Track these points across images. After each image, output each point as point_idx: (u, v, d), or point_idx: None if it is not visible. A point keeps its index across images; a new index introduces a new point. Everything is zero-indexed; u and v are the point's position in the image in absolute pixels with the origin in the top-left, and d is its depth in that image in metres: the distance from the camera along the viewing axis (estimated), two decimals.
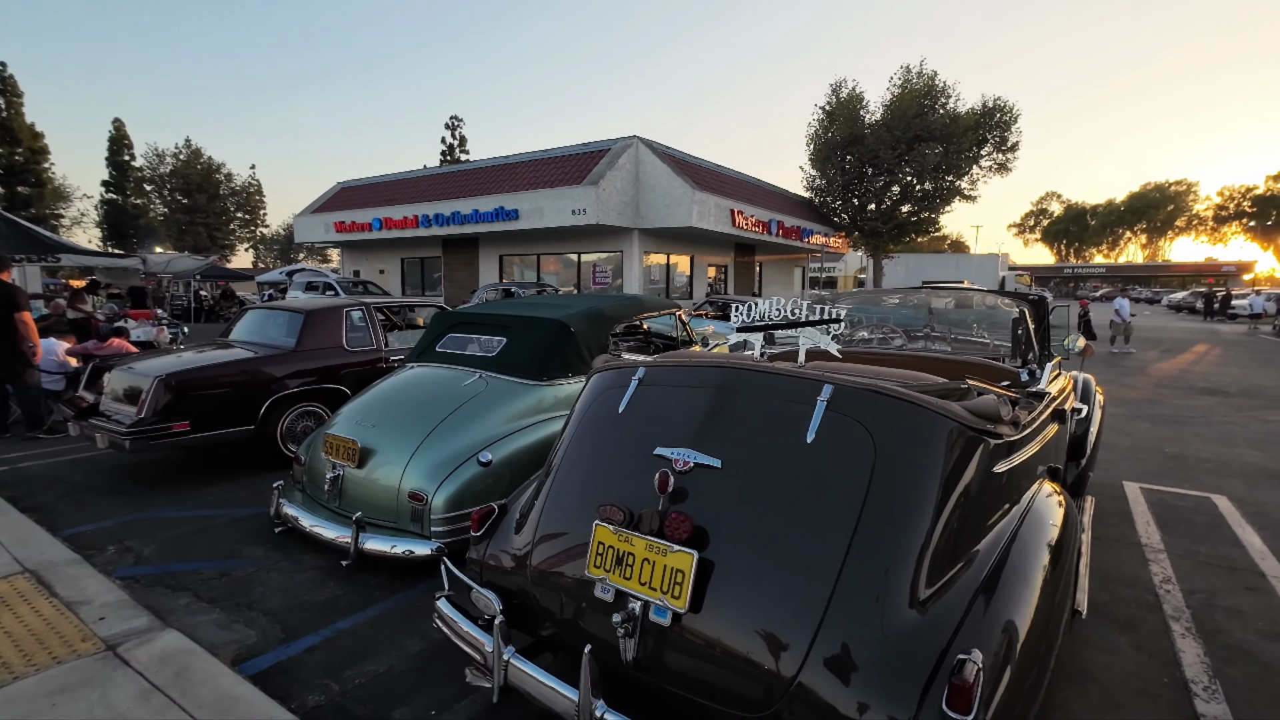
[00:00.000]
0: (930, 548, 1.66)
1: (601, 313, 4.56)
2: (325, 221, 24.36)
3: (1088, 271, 75.08)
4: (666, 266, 21.11)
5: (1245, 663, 2.77)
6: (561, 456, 2.28)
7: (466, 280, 22.46)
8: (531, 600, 2.08)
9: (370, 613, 3.12)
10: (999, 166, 25.56)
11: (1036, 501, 2.15)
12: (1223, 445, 6.49)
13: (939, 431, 1.79)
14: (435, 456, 3.47)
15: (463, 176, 22.33)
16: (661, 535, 1.80)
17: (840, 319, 2.46)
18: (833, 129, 25.57)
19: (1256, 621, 3.11)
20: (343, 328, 5.79)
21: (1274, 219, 62.71)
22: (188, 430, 4.80)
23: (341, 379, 5.62)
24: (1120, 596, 3.34)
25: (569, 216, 17.38)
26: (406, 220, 21.45)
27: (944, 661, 1.48)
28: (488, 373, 4.05)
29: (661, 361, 2.30)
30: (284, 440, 5.32)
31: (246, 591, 3.33)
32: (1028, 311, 3.75)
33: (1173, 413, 8.12)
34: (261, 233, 57.82)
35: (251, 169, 61.99)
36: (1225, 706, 2.47)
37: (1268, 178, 64.12)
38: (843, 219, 26.90)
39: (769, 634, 1.63)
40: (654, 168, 18.12)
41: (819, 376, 1.93)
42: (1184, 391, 9.79)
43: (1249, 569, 3.68)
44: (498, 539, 2.26)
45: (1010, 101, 24.82)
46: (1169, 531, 4.21)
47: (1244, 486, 5.14)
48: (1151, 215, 78.90)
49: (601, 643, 1.85)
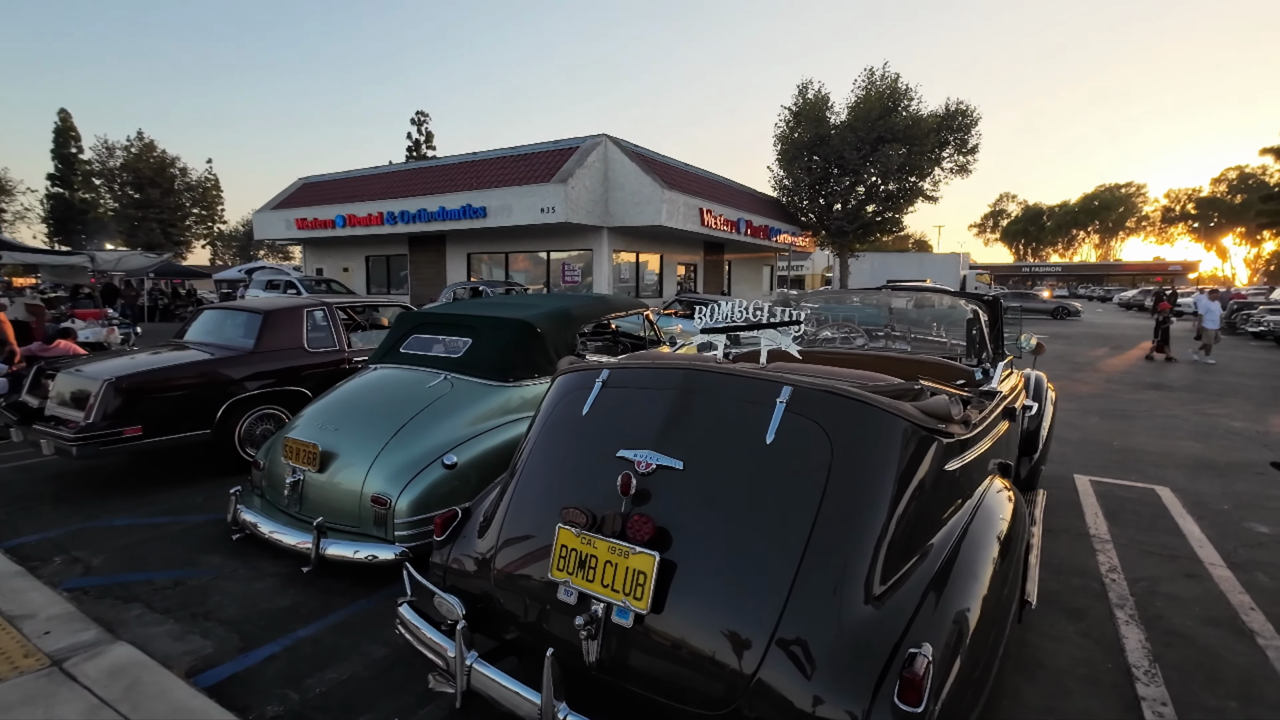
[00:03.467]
0: (885, 544, 1.71)
1: (568, 313, 4.56)
2: (286, 218, 23.74)
3: (1045, 270, 77.47)
4: (636, 265, 21.14)
5: (1183, 647, 2.92)
6: (525, 459, 2.28)
7: (434, 279, 22.15)
8: (495, 604, 2.08)
9: (332, 619, 3.07)
10: (960, 168, 26.24)
11: (987, 497, 2.22)
12: (1166, 438, 6.78)
13: (893, 431, 1.84)
14: (399, 459, 3.43)
15: (429, 173, 22.00)
16: (624, 537, 1.82)
17: (800, 321, 2.51)
18: (799, 129, 25.93)
19: (1194, 607, 3.27)
20: (304, 328, 5.66)
21: (1215, 220, 65.76)
22: (140, 435, 4.65)
23: (303, 381, 5.50)
24: (1069, 586, 3.47)
25: (538, 214, 17.28)
26: (371, 217, 21.05)
27: (897, 655, 1.53)
28: (453, 374, 4.01)
29: (625, 363, 2.31)
30: (242, 444, 5.19)
31: (202, 601, 3.24)
32: (982, 312, 3.87)
33: (1121, 407, 8.46)
34: (219, 229, 56.09)
35: (208, 163, 59.88)
36: (1163, 689, 2.59)
37: (1211, 180, 67.23)
38: (810, 218, 27.30)
39: (729, 632, 1.66)
40: (623, 166, 18.12)
41: (778, 378, 1.96)
42: (1132, 386, 10.20)
43: (1188, 557, 3.87)
44: (461, 543, 2.25)
45: (970, 105, 25.51)
46: (1115, 522, 4.40)
47: (1185, 478, 5.39)
48: (1104, 216, 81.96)
49: (565, 645, 1.86)
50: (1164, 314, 14.42)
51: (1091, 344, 17.32)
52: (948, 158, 26.09)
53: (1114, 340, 18.65)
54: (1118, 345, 17.19)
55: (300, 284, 18.43)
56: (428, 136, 49.61)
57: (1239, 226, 59.34)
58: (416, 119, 49.35)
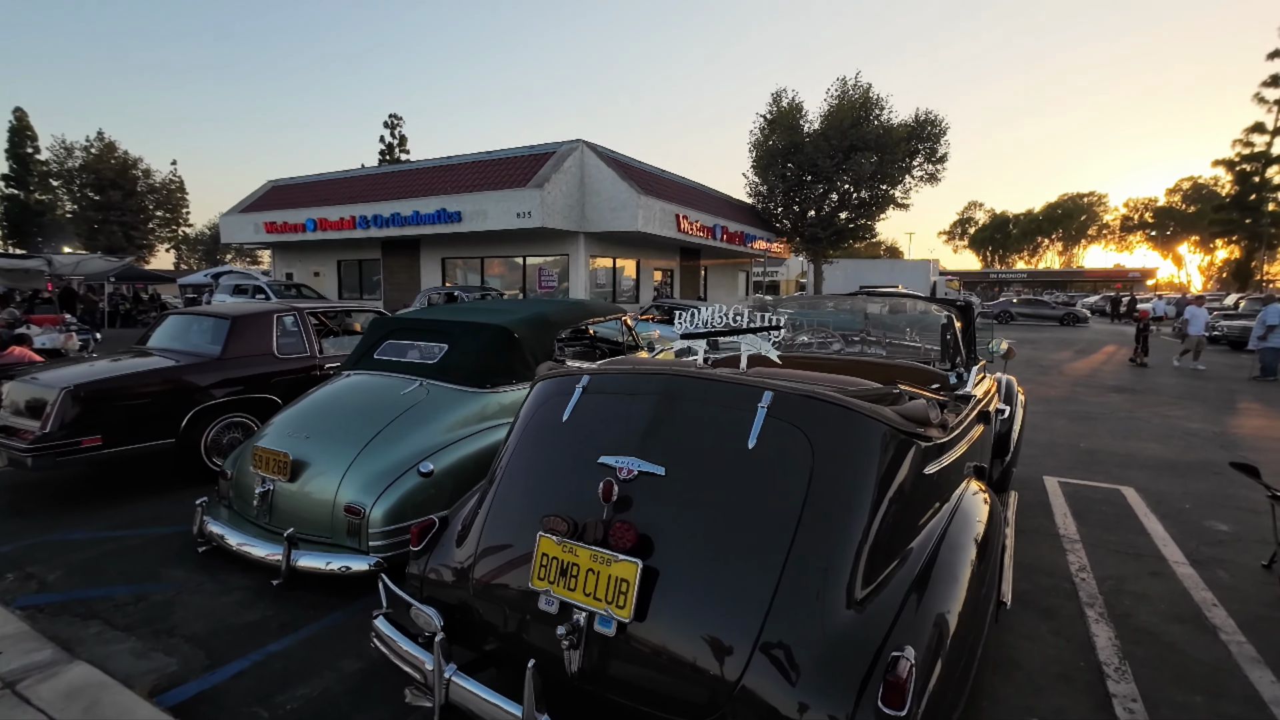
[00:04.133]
0: (866, 548, 1.72)
1: (546, 318, 4.53)
2: (254, 221, 23.23)
3: (1011, 276, 79.39)
4: (613, 270, 21.13)
5: (1150, 643, 2.99)
6: (504, 466, 2.24)
7: (408, 284, 21.86)
8: (474, 615, 2.04)
9: (303, 633, 2.99)
10: (929, 176, 26.79)
11: (964, 500, 2.25)
12: (1130, 439, 6.98)
13: (873, 436, 1.86)
14: (373, 467, 3.36)
15: (403, 177, 21.73)
16: (606, 545, 1.80)
17: (780, 325, 2.52)
18: (774, 137, 26.24)
19: (1160, 604, 3.36)
20: (273, 333, 5.53)
21: (1172, 229, 68.26)
22: (100, 445, 4.48)
23: (272, 388, 5.37)
24: (1041, 585, 3.54)
25: (514, 219, 17.17)
26: (343, 221, 20.70)
27: (880, 659, 1.54)
28: (429, 380, 3.95)
29: (605, 369, 2.30)
30: (209, 453, 5.04)
31: (166, 616, 3.13)
32: (955, 316, 3.94)
33: (1086, 410, 8.69)
34: (184, 232, 54.61)
35: (173, 165, 58.13)
36: (1133, 686, 2.65)
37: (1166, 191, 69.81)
38: (784, 225, 27.60)
39: (713, 639, 1.65)
40: (599, 171, 18.12)
41: (759, 383, 1.97)
42: (1096, 390, 10.49)
43: (1153, 555, 3.97)
44: (438, 553, 2.21)
45: (939, 115, 26.09)
46: (1083, 522, 4.50)
47: (1148, 478, 5.55)
48: (1067, 224, 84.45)
49: (546, 655, 1.83)
50: (1144, 321, 14.60)
51: (1056, 348, 17.78)
52: (918, 166, 26.63)
53: (1077, 344, 19.17)
54: (1081, 349, 17.68)
55: (269, 289, 18.03)
56: (401, 140, 49.02)
57: (1193, 235, 61.68)
58: (390, 122, 48.73)
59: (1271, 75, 31.45)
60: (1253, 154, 32.41)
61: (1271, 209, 32.38)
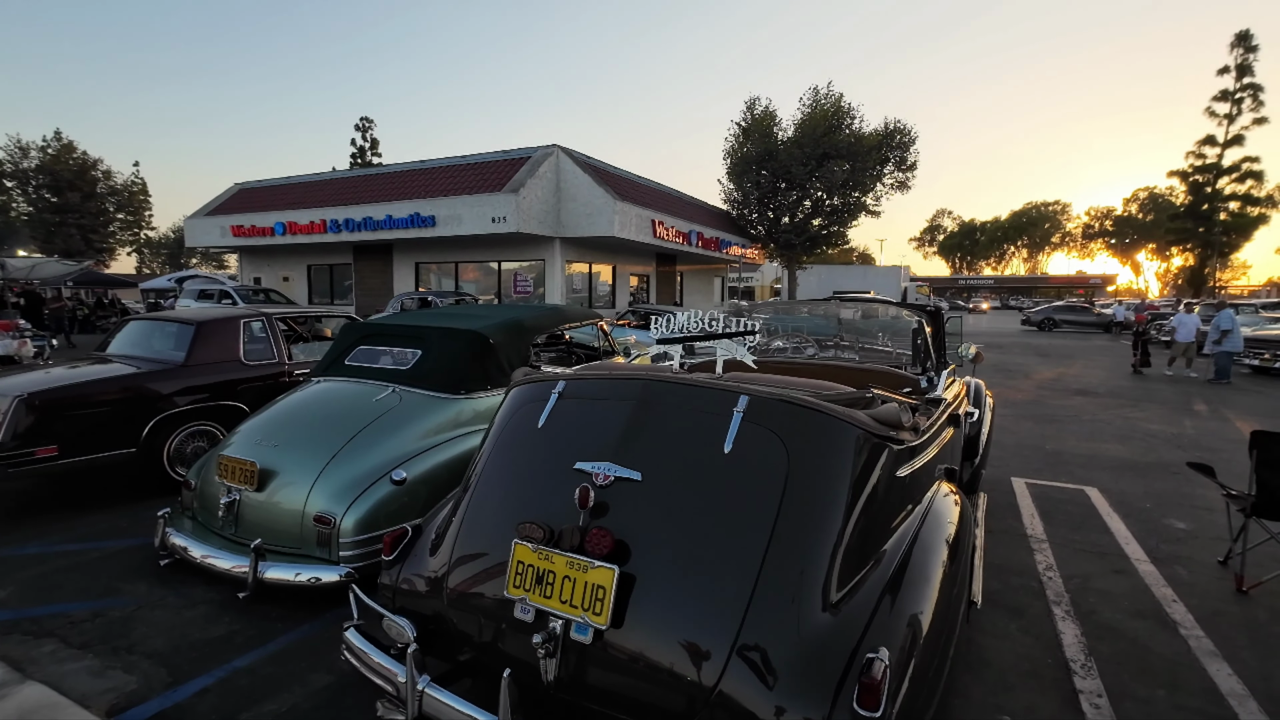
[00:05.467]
0: (841, 551, 1.73)
1: (521, 323, 4.49)
2: (221, 224, 22.71)
3: (978, 283, 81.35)
4: (589, 275, 21.11)
5: (1114, 639, 3.07)
6: (479, 473, 2.22)
7: (380, 289, 21.55)
8: (448, 624, 2.01)
9: (271, 647, 2.91)
10: (900, 184, 27.32)
11: (936, 502, 2.29)
12: (1093, 441, 7.18)
13: (847, 439, 1.88)
14: (344, 476, 3.29)
15: (375, 180, 21.46)
16: (582, 551, 1.79)
17: (755, 330, 2.54)
18: (748, 144, 26.52)
19: (1123, 602, 3.45)
20: (239, 339, 5.40)
21: (1130, 237, 70.63)
22: (56, 455, 4.32)
23: (239, 395, 5.24)
24: (1010, 585, 3.61)
25: (489, 224, 17.06)
26: (313, 225, 20.35)
27: (855, 661, 1.55)
28: (401, 386, 3.89)
29: (581, 374, 2.29)
30: (172, 463, 4.89)
31: (125, 633, 3.02)
32: (925, 322, 4.01)
33: (1051, 412, 8.92)
34: (147, 236, 53.10)
35: (135, 166, 56.58)
36: (1099, 681, 2.72)
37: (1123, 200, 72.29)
38: (759, 231, 27.89)
39: (690, 644, 1.65)
40: (575, 177, 18.10)
41: (735, 388, 1.98)
42: (1061, 393, 10.77)
43: (1116, 553, 4.08)
44: (411, 562, 2.17)
45: (908, 124, 26.64)
46: (1050, 522, 4.61)
47: (1110, 478, 5.71)
48: (1031, 232, 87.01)
49: (522, 664, 1.81)
50: (1141, 325, 14.44)
51: (1022, 353, 18.24)
52: (888, 174, 27.14)
53: (1042, 349, 19.68)
54: (1045, 353, 18.15)
55: (236, 294, 17.60)
56: (373, 143, 48.36)
57: (1150, 243, 63.88)
58: (361, 125, 48.06)
59: (1221, 90, 32.80)
60: (1205, 165, 33.73)
61: (1223, 218, 33.71)
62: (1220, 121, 33.06)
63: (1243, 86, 32.44)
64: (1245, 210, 33.71)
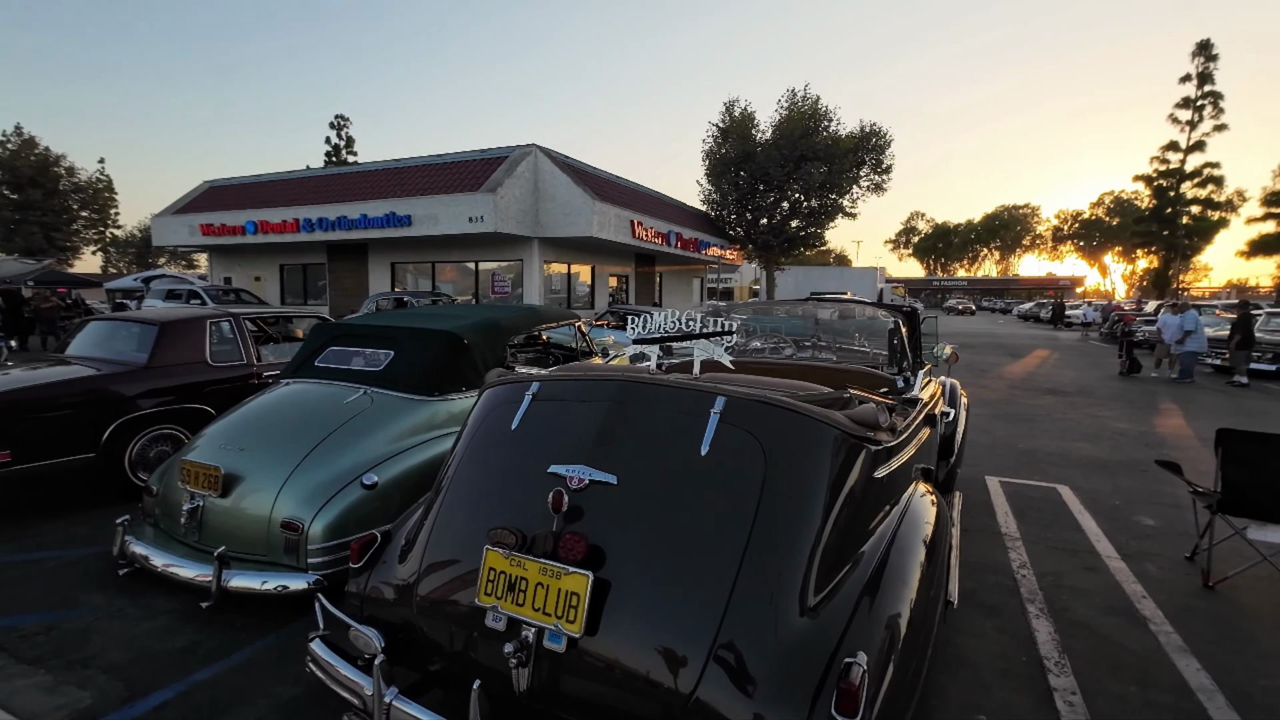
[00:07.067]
0: (819, 554, 1.71)
1: (497, 324, 4.43)
2: (190, 223, 22.14)
3: (952, 284, 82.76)
4: (568, 276, 21.00)
5: (1087, 636, 3.10)
6: (450, 477, 2.16)
7: (355, 289, 21.20)
8: (417, 634, 1.94)
9: (235, 659, 2.81)
10: (875, 186, 27.62)
11: (913, 502, 2.28)
12: (1064, 440, 7.31)
13: (824, 440, 1.86)
14: (313, 480, 3.20)
15: (350, 179, 21.10)
16: (555, 557, 1.74)
17: (733, 330, 2.51)
18: (726, 146, 26.62)
19: (1095, 598, 3.50)
20: (206, 340, 5.24)
21: (1097, 240, 72.46)
22: (9, 461, 4.14)
23: (205, 397, 5.08)
24: (985, 583, 3.64)
25: (466, 224, 16.87)
26: (286, 224, 19.94)
27: (833, 666, 1.53)
28: (373, 388, 3.80)
29: (556, 375, 2.24)
30: (134, 468, 4.72)
31: (81, 646, 2.89)
32: (901, 322, 4.03)
33: (1023, 412, 9.06)
34: (113, 234, 51.63)
35: (100, 163, 54.89)
36: (1072, 679, 2.74)
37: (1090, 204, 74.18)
38: (737, 232, 28.01)
39: (666, 651, 1.61)
40: (554, 177, 18.00)
41: (712, 389, 1.95)
42: (1032, 392, 10.96)
43: (1088, 551, 4.15)
44: (380, 569, 2.10)
45: (884, 128, 26.96)
46: (1023, 520, 4.67)
47: (1081, 476, 5.81)
48: (1003, 234, 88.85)
49: (493, 674, 1.76)
50: (1127, 326, 14.46)
51: (994, 353, 18.55)
52: (864, 177, 27.42)
53: (1013, 349, 20.05)
54: (1017, 354, 18.49)
55: (205, 294, 17.18)
56: (348, 141, 47.58)
57: (1117, 246, 65.56)
58: (336, 123, 47.26)
59: (1183, 98, 33.74)
60: (1168, 170, 34.64)
61: (1185, 222, 34.66)
62: (1182, 128, 34.01)
63: (1204, 94, 33.42)
64: (1206, 214, 34.71)
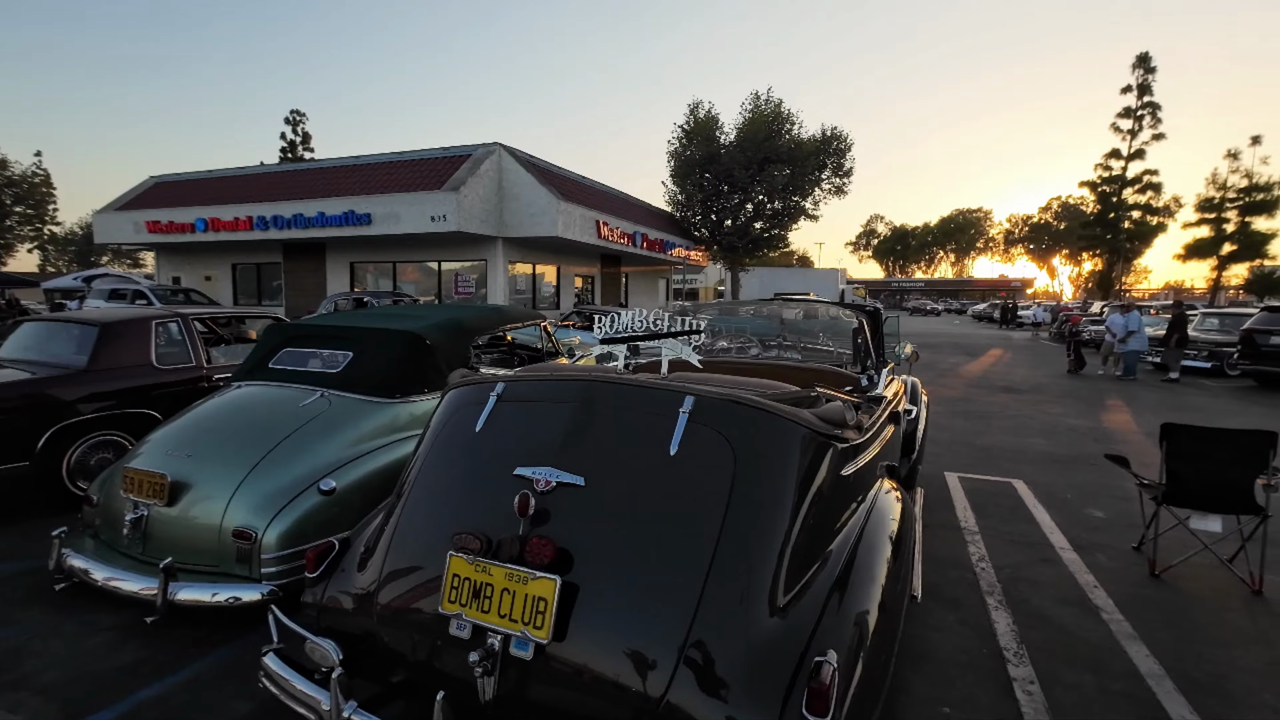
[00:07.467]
0: (788, 553, 1.71)
1: (461, 324, 4.34)
2: (135, 220, 21.21)
3: (910, 285, 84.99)
4: (533, 276, 20.81)
5: (1044, 627, 3.19)
6: (412, 481, 2.09)
7: (313, 289, 20.62)
8: (378, 645, 1.87)
9: (183, 674, 2.68)
10: (837, 189, 28.17)
11: (879, 499, 2.31)
12: (1018, 436, 7.54)
13: (793, 438, 1.86)
14: (267, 486, 3.08)
15: (306, 176, 20.52)
16: (522, 562, 1.70)
17: (700, 330, 2.51)
18: (691, 147, 26.79)
19: (1050, 589, 3.60)
20: (151, 341, 5.00)
21: (1046, 243, 75.33)
22: None
23: (151, 402, 4.85)
24: (947, 577, 3.71)
25: (428, 223, 16.57)
26: (239, 221, 19.27)
27: (803, 665, 1.52)
28: (331, 390, 3.68)
29: (521, 376, 2.19)
30: (72, 477, 4.48)
31: (13, 666, 2.72)
32: (865, 322, 4.09)
33: (980, 409, 9.33)
34: (51, 231, 49.16)
35: (36, 156, 52.30)
36: (1031, 669, 2.81)
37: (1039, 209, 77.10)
38: (703, 233, 28.20)
39: (636, 654, 1.59)
40: (518, 176, 17.82)
41: (681, 388, 1.93)
42: (988, 390, 11.30)
43: (1043, 543, 4.27)
44: (338, 578, 2.02)
45: (845, 131, 27.51)
46: (981, 514, 4.79)
47: (1035, 471, 6.00)
48: (958, 237, 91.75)
49: (458, 683, 1.71)
50: (1075, 327, 15.04)
51: (952, 352, 19.08)
52: (826, 179, 27.95)
53: (969, 348, 20.66)
54: (973, 353, 19.05)
55: (152, 293, 16.45)
56: (305, 138, 46.28)
57: (1064, 249, 68.25)
58: (292, 118, 45.91)
59: (1125, 107, 35.26)
60: (1111, 177, 36.16)
61: (1127, 226, 36.22)
62: (1124, 136, 35.53)
63: (1143, 105, 34.97)
64: (1146, 219, 36.35)
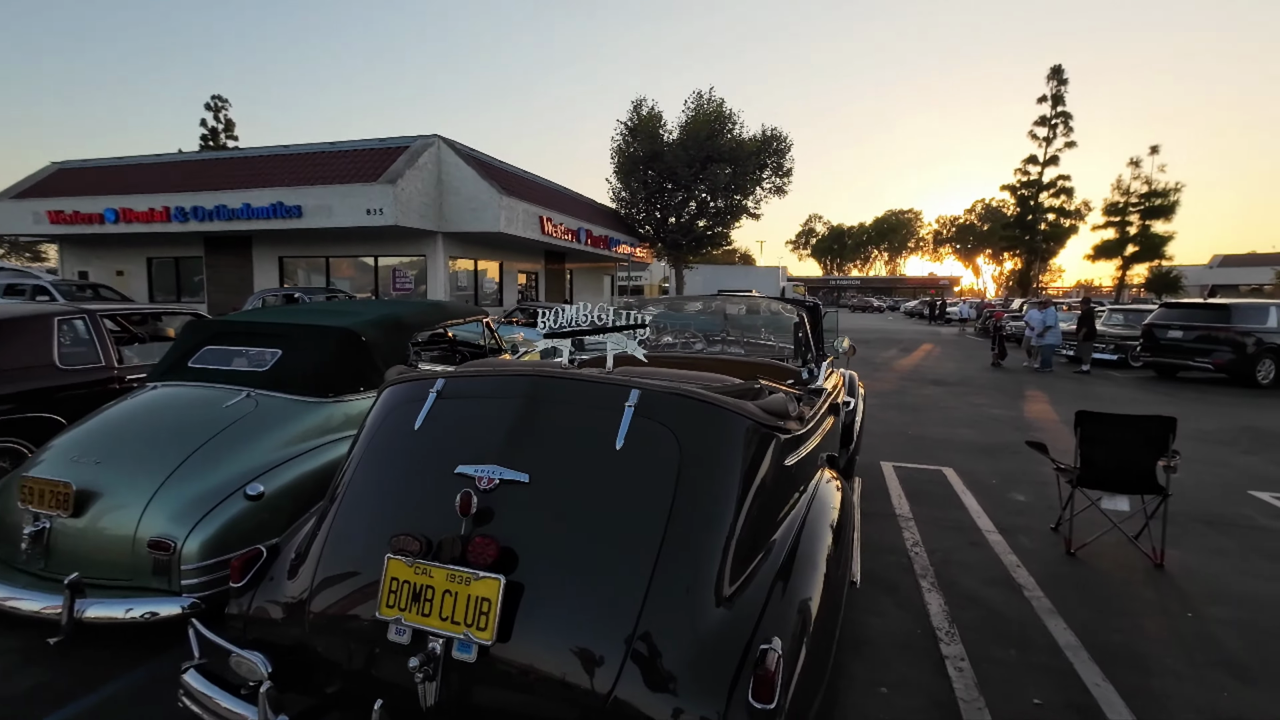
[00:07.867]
0: (734, 544, 1.72)
1: (399, 320, 4.19)
2: (34, 209, 19.53)
3: (847, 283, 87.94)
4: (475, 272, 20.38)
5: (972, 607, 3.36)
6: (347, 483, 2.00)
7: (238, 285, 19.52)
8: (310, 655, 1.78)
9: (93, 699, 2.49)
10: (777, 189, 28.80)
11: (820, 488, 2.36)
12: (948, 426, 7.91)
13: (737, 430, 1.88)
14: (187, 492, 2.88)
15: (230, 165, 19.41)
16: (464, 562, 1.65)
17: (645, 324, 2.50)
18: (635, 144, 26.83)
19: (978, 571, 3.79)
20: (53, 340, 4.61)
21: (971, 243, 79.42)
22: None
23: (55, 405, 4.47)
24: (884, 563, 3.86)
25: (363, 216, 15.95)
26: (154, 212, 18.02)
27: (749, 653, 1.54)
28: (258, 390, 3.48)
29: (463, 372, 2.13)
30: None
31: None
32: (805, 317, 4.19)
33: (913, 401, 9.74)
34: None
35: None
36: (961, 647, 2.95)
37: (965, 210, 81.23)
38: (647, 230, 28.32)
39: (582, 651, 1.57)
40: (458, 169, 17.38)
41: (627, 382, 1.92)
42: (919, 383, 11.81)
43: (971, 527, 4.50)
44: (266, 587, 1.91)
45: (784, 132, 28.14)
46: (915, 502, 5.00)
47: (963, 459, 6.31)
48: (891, 237, 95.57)
49: (397, 691, 1.64)
50: (997, 322, 16.23)
51: (886, 346, 19.86)
52: (767, 179, 28.54)
53: (902, 343, 21.56)
54: (905, 347, 19.88)
55: (55, 289, 15.20)
56: (227, 125, 43.71)
57: (988, 249, 72.10)
58: (213, 104, 43.26)
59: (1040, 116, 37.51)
60: (1029, 181, 38.41)
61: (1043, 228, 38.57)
62: (1040, 143, 37.78)
63: (1057, 114, 37.27)
64: (1060, 222, 38.81)
